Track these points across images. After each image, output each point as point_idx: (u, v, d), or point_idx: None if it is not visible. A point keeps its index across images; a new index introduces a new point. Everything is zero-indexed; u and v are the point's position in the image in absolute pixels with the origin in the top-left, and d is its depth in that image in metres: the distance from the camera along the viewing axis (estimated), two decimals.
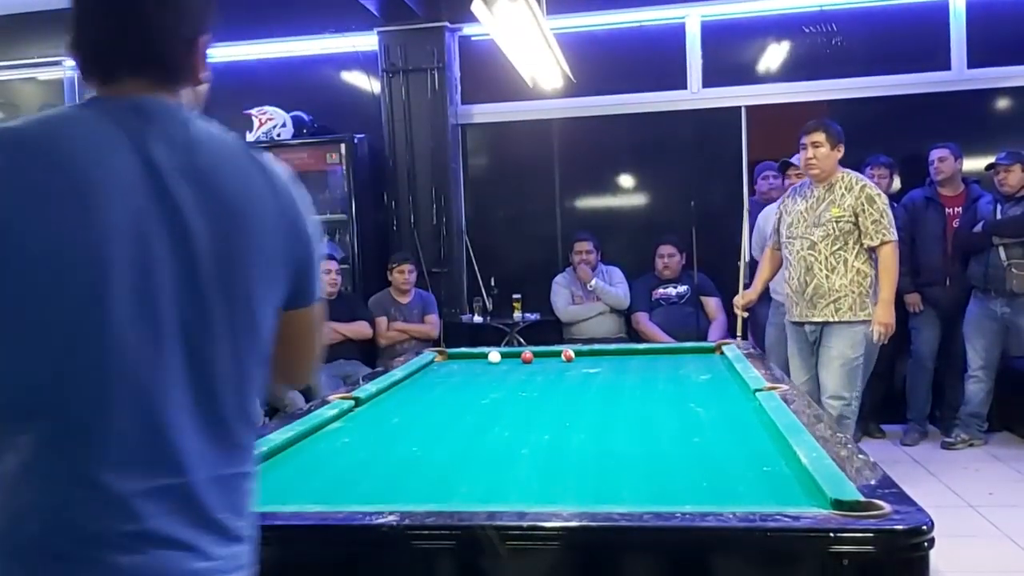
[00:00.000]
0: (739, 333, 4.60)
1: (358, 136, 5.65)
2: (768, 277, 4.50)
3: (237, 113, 5.67)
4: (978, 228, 4.85)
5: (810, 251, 4.06)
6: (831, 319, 4.01)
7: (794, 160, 4.95)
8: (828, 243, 4.02)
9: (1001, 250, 4.72)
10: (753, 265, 4.88)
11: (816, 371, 4.15)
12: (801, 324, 4.16)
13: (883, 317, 3.98)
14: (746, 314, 4.57)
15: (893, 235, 3.99)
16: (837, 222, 4.00)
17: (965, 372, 4.99)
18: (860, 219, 3.97)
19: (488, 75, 5.79)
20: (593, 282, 5.45)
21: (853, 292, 3.99)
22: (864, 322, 3.98)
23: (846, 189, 4.03)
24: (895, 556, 1.34)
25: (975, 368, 4.92)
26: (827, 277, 4.01)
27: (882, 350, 5.44)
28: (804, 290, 4.07)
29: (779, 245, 4.31)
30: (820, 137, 4.03)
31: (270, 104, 5.66)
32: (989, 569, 3.24)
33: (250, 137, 5.60)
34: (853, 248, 3.99)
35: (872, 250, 4.00)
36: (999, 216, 4.79)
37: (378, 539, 1.49)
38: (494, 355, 3.70)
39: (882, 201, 4.00)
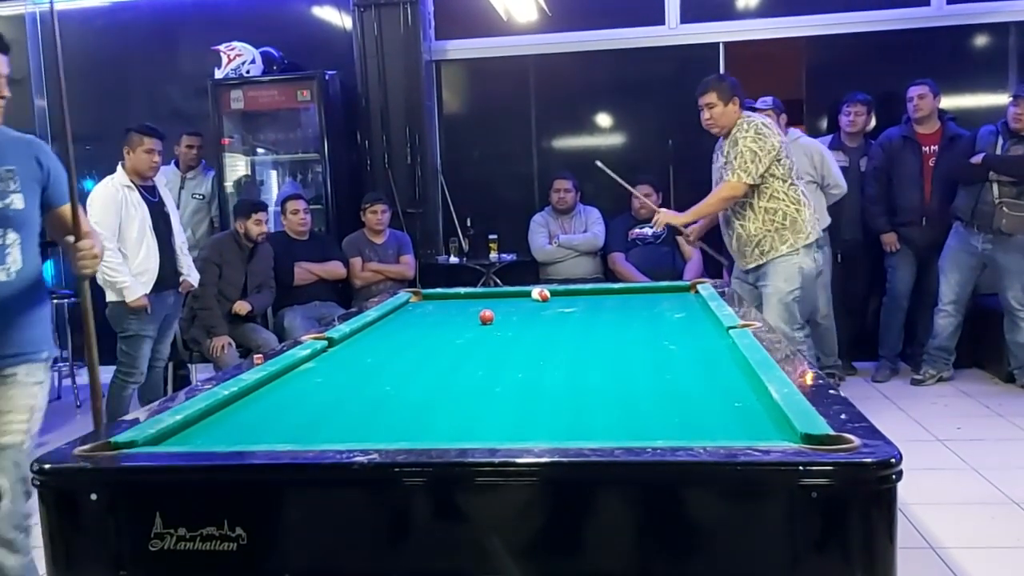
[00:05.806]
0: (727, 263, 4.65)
1: (329, 73, 5.52)
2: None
3: (205, 49, 5.53)
4: (977, 159, 4.74)
5: None
6: (761, 262, 4.06)
7: (758, 103, 4.90)
8: None
9: (995, 186, 4.67)
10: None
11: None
12: (745, 274, 4.21)
13: (669, 217, 4.24)
14: (701, 244, 4.66)
15: (742, 177, 3.91)
16: None
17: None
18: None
19: (462, 9, 5.67)
20: (555, 244, 5.42)
21: (769, 231, 4.02)
22: (791, 254, 3.99)
23: None
24: (864, 488, 1.35)
25: (946, 302, 4.95)
26: (743, 226, 4.06)
27: (856, 288, 5.48)
28: (731, 243, 4.17)
29: None
30: (711, 98, 4.00)
31: (238, 40, 5.51)
32: (956, 501, 3.31)
33: (219, 74, 5.46)
34: (753, 192, 4.00)
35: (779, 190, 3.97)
36: (999, 151, 4.71)
37: (350, 477, 1.49)
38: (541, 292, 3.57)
39: (745, 143, 3.91)
